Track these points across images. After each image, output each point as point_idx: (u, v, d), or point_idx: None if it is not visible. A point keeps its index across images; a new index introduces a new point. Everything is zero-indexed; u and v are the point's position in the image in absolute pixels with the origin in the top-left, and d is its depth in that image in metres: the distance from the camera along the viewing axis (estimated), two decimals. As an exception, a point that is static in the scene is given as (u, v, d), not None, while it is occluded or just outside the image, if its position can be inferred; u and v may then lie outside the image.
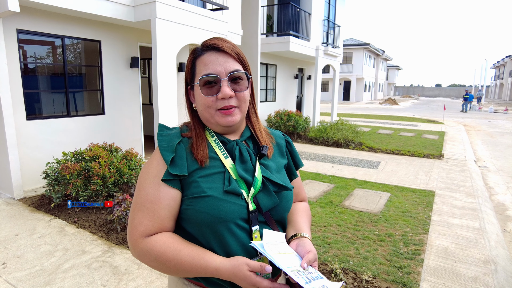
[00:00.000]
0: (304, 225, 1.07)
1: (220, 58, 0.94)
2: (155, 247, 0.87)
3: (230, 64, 0.94)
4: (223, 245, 0.90)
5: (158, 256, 0.87)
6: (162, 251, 0.87)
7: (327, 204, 4.44)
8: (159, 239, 0.89)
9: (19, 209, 4.11)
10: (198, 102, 0.97)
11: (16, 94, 4.59)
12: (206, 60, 0.94)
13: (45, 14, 4.81)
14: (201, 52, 0.96)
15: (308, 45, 10.89)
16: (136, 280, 2.67)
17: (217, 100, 0.93)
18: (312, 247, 0.94)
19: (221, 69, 0.92)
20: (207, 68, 0.93)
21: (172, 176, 0.90)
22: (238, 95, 0.95)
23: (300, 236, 0.99)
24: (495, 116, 19.80)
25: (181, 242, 0.89)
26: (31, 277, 2.69)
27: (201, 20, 5.82)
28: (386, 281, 2.70)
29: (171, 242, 0.88)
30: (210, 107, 0.94)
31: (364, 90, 37.76)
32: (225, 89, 0.92)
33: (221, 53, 0.94)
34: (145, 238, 0.89)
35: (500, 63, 50.74)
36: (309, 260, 0.88)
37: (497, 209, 4.84)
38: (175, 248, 0.87)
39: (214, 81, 0.93)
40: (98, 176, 3.95)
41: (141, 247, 0.89)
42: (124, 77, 6.07)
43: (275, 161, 1.06)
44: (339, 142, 8.87)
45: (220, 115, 0.94)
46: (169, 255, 0.86)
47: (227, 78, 0.92)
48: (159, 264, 0.88)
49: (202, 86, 0.93)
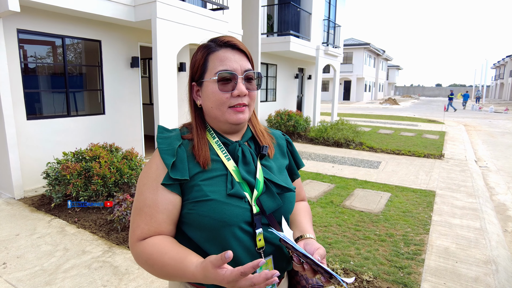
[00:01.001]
0: (307, 225, 1.07)
1: (236, 56, 0.94)
2: (145, 249, 0.86)
3: (245, 63, 0.94)
4: (226, 250, 0.86)
5: (147, 258, 0.86)
6: (150, 253, 0.85)
7: (328, 204, 4.44)
8: (150, 242, 0.87)
9: (20, 209, 4.11)
10: (209, 98, 0.94)
11: (17, 94, 4.59)
12: (222, 57, 0.93)
13: (45, 14, 4.81)
14: (215, 48, 0.95)
15: (309, 45, 10.88)
16: (137, 280, 2.67)
17: (231, 97, 0.92)
18: (320, 245, 0.95)
19: (238, 67, 0.92)
20: (223, 64, 0.92)
21: (173, 180, 0.88)
22: (250, 94, 0.96)
23: (306, 238, 1.00)
24: (496, 116, 19.79)
25: (169, 244, 0.86)
26: (31, 277, 2.68)
27: (202, 20, 5.82)
28: (387, 281, 2.69)
29: (160, 244, 0.86)
30: (223, 104, 0.93)
31: (364, 90, 37.75)
32: (241, 87, 0.92)
33: (237, 51, 0.95)
34: (140, 241, 0.89)
35: (500, 63, 50.71)
36: (321, 255, 0.88)
37: (497, 209, 4.83)
38: (162, 250, 0.84)
39: (230, 78, 0.92)
40: (98, 176, 3.94)
41: (136, 250, 0.89)
42: (124, 77, 6.07)
43: (276, 162, 1.06)
44: (340, 142, 8.87)
45: (231, 112, 0.93)
46: (156, 257, 0.84)
47: (243, 76, 0.93)
48: (149, 267, 0.86)
49: (218, 81, 0.92)
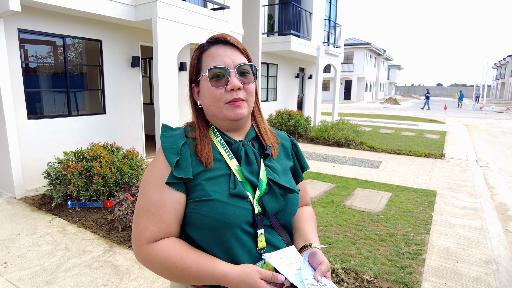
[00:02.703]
0: (312, 234, 1.05)
1: (228, 51, 0.93)
2: (161, 253, 0.85)
3: (237, 57, 0.94)
4: (227, 250, 0.88)
5: (163, 262, 0.85)
6: (168, 256, 0.85)
7: (328, 204, 4.44)
8: (165, 244, 0.87)
9: (20, 208, 4.12)
10: (206, 96, 0.95)
11: (17, 94, 4.60)
12: (213, 53, 0.93)
13: (46, 13, 4.82)
14: (207, 46, 0.96)
15: (309, 44, 10.88)
16: (137, 279, 2.67)
17: (225, 92, 0.91)
18: (324, 257, 0.92)
19: (229, 61, 0.92)
20: (215, 60, 0.92)
21: (177, 179, 0.88)
22: (246, 87, 0.94)
23: (310, 247, 0.98)
24: (497, 116, 19.76)
25: (187, 248, 0.88)
26: (32, 277, 2.69)
27: (202, 20, 5.82)
28: (387, 281, 2.69)
29: (177, 247, 0.86)
30: (218, 100, 0.92)
31: (365, 90, 37.74)
32: (234, 80, 0.91)
33: (228, 46, 0.94)
34: (151, 243, 0.87)
35: (501, 62, 50.64)
36: (322, 272, 0.86)
37: (498, 209, 4.82)
38: (182, 253, 0.85)
39: (222, 74, 0.91)
40: (99, 176, 3.95)
41: (147, 253, 0.87)
42: (125, 77, 6.07)
43: (280, 163, 1.04)
44: (340, 141, 8.86)
45: (228, 107, 0.92)
46: (175, 260, 0.84)
47: (235, 70, 0.92)
48: (165, 270, 0.86)
49: (211, 78, 0.92)
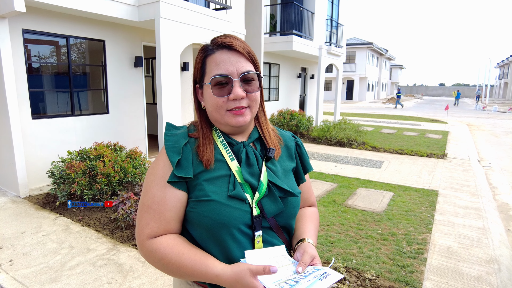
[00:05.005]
0: (307, 230, 1.03)
1: (232, 58, 0.91)
2: (159, 249, 0.87)
3: (242, 64, 0.91)
4: (224, 250, 0.89)
5: (161, 258, 0.87)
6: (166, 253, 0.87)
7: (330, 203, 4.45)
8: (164, 241, 0.89)
9: (25, 207, 4.16)
10: (208, 102, 0.94)
11: (22, 93, 4.64)
12: (217, 59, 0.91)
13: (50, 14, 4.85)
14: (212, 50, 0.93)
15: (311, 44, 10.88)
16: (141, 277, 2.69)
17: (228, 101, 0.90)
18: (309, 247, 0.92)
19: (233, 69, 0.90)
20: (218, 68, 0.90)
21: (178, 178, 0.89)
22: (250, 96, 0.93)
23: (302, 242, 0.97)
24: (499, 116, 19.69)
25: (185, 245, 0.89)
26: (37, 274, 2.72)
27: (205, 20, 5.84)
28: (389, 280, 2.70)
29: (175, 244, 0.88)
30: (220, 108, 0.91)
31: (367, 90, 37.66)
32: (237, 90, 0.89)
33: (233, 52, 0.91)
34: (151, 239, 0.90)
35: (504, 62, 50.40)
36: (304, 263, 0.86)
37: (500, 208, 4.82)
38: (178, 251, 0.87)
39: (225, 82, 0.90)
40: (102, 175, 3.98)
41: (147, 248, 0.89)
42: (128, 77, 6.10)
43: (282, 164, 1.03)
44: (342, 141, 8.86)
45: (230, 115, 0.91)
46: (171, 257, 0.86)
47: (239, 79, 0.90)
48: (163, 266, 0.88)
49: (213, 86, 0.90)
